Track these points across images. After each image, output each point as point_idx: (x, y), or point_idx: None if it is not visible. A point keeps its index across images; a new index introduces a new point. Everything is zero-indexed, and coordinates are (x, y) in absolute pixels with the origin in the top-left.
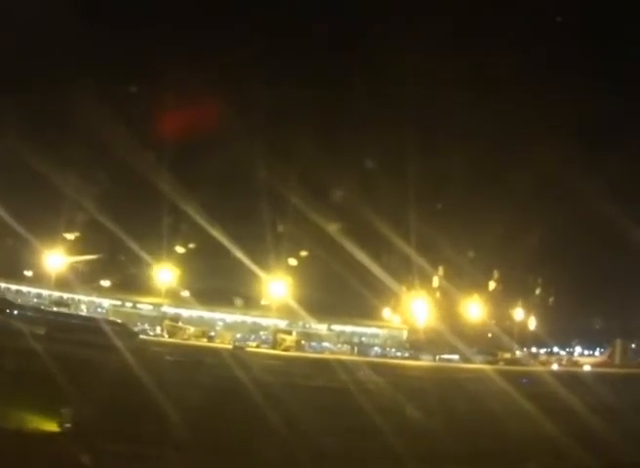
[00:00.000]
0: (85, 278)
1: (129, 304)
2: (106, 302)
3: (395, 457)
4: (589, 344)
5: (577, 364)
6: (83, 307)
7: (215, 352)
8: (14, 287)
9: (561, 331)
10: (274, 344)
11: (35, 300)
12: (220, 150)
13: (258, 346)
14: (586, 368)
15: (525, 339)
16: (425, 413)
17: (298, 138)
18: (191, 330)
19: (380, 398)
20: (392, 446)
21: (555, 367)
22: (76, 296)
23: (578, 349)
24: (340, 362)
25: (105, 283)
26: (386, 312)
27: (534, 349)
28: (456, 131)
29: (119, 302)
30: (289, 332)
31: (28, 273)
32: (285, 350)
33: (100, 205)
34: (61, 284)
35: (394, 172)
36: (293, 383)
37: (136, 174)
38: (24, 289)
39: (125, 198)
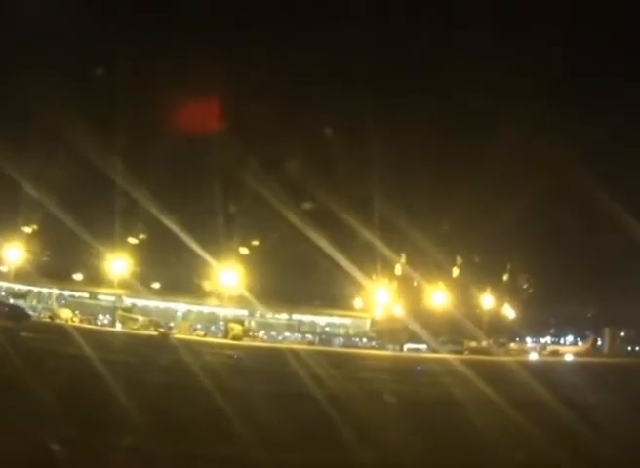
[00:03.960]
0: (46, 270)
1: (87, 295)
2: (66, 294)
3: (345, 445)
4: (577, 332)
5: (557, 353)
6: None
7: (112, 336)
8: None
9: (537, 319)
10: (225, 333)
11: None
12: (174, 135)
13: (205, 335)
14: (568, 357)
15: (498, 328)
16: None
17: (254, 120)
18: (140, 319)
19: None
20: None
21: (534, 356)
22: (36, 288)
23: (569, 338)
24: (273, 349)
25: (75, 276)
26: (350, 301)
27: (527, 339)
28: (419, 108)
29: (79, 294)
30: (240, 322)
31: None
32: (234, 339)
33: (55, 195)
34: (21, 276)
35: (356, 153)
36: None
37: (86, 161)
38: None
39: (74, 185)
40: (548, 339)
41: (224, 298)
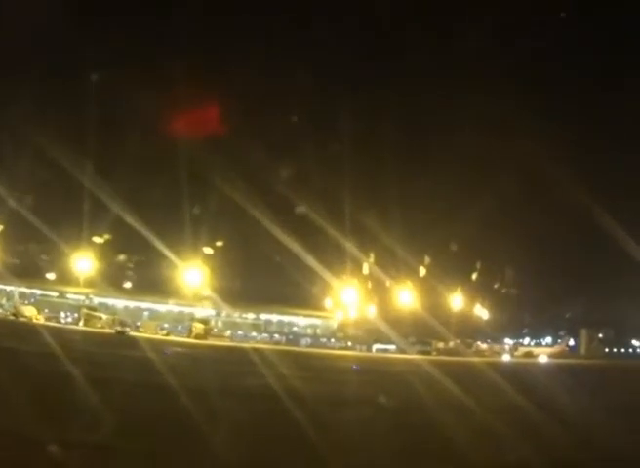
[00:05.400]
0: (16, 270)
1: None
2: (38, 292)
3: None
4: (556, 334)
5: (531, 354)
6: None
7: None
8: None
9: (511, 319)
10: (189, 333)
11: None
12: (142, 138)
13: (167, 334)
14: (542, 358)
15: (466, 328)
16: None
17: (222, 122)
18: (104, 318)
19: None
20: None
21: (507, 357)
22: (7, 287)
23: (548, 339)
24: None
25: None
26: (320, 301)
27: (506, 340)
28: (389, 107)
29: (48, 293)
30: (204, 321)
31: None
32: (197, 338)
33: (22, 195)
34: None
35: (324, 153)
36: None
37: (53, 161)
38: None
39: (42, 186)
40: (527, 340)
41: (192, 298)
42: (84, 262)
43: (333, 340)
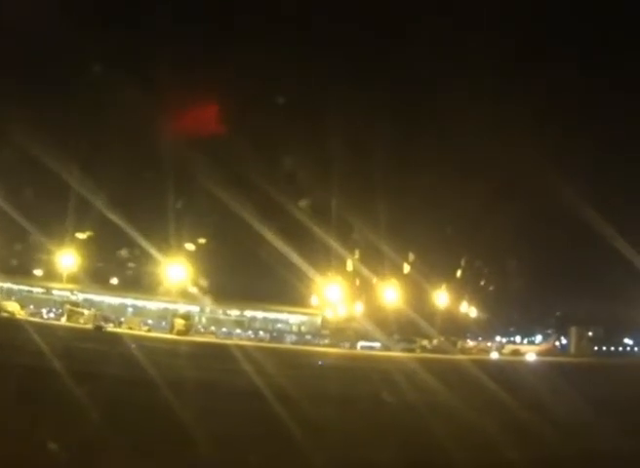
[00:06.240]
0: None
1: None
2: (24, 289)
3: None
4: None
5: (518, 352)
6: None
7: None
8: None
9: (500, 317)
10: (171, 328)
11: None
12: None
13: (149, 330)
14: (530, 356)
15: (450, 326)
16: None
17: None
18: (85, 313)
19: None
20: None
21: (495, 355)
22: None
23: (539, 338)
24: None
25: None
26: (304, 298)
27: (497, 338)
28: (381, 101)
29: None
30: (185, 317)
31: None
32: (178, 334)
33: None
34: None
35: (310, 149)
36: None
37: (39, 158)
38: None
39: (21, 179)
40: (519, 338)
41: (177, 294)
42: (69, 259)
43: (317, 337)
